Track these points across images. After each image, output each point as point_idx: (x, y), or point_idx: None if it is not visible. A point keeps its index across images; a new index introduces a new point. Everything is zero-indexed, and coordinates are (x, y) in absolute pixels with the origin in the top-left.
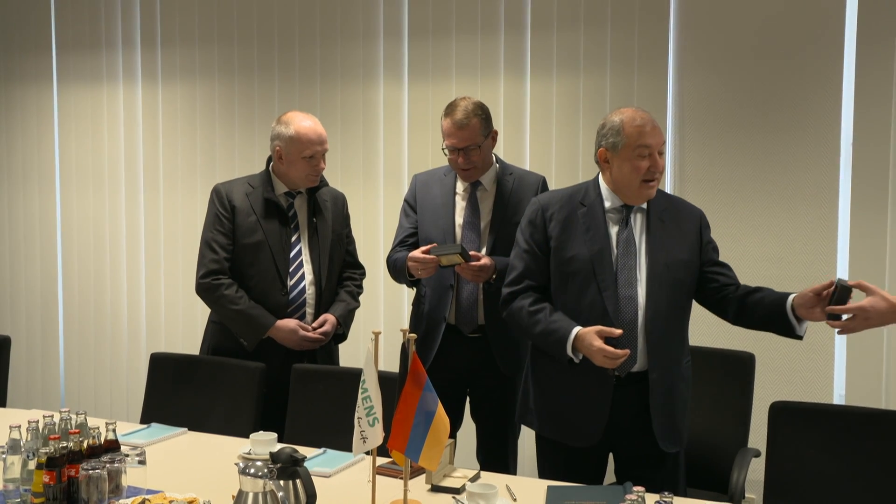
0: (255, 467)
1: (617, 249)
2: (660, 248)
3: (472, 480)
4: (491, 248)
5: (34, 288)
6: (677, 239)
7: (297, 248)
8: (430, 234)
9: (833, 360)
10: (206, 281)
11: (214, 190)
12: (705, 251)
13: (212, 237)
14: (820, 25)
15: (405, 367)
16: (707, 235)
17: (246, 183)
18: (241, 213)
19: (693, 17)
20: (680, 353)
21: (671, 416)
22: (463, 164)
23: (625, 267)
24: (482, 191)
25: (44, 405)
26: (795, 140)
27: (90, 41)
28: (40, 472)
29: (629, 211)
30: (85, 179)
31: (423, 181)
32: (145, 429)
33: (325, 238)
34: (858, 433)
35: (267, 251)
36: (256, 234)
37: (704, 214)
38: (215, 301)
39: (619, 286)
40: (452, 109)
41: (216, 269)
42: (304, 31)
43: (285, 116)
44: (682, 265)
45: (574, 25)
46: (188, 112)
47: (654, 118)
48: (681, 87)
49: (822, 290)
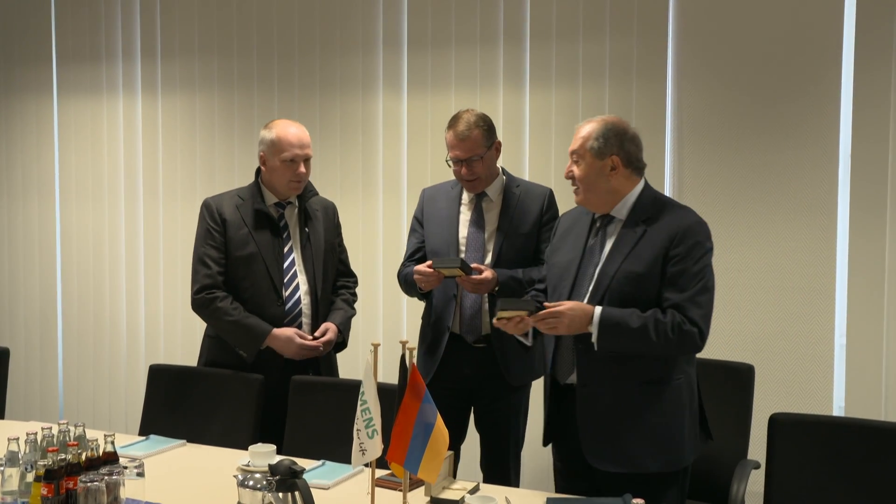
0: (254, 479)
1: (583, 258)
2: (614, 260)
3: (471, 493)
4: (496, 259)
5: (33, 299)
6: (643, 251)
7: (290, 259)
8: (435, 247)
9: (832, 372)
10: (200, 296)
11: (204, 204)
12: (666, 265)
13: (204, 252)
14: (818, 35)
15: (404, 378)
16: (677, 250)
17: (236, 196)
18: (233, 226)
19: (691, 27)
20: (633, 371)
21: (610, 433)
22: (466, 174)
23: (583, 276)
24: (487, 202)
25: (42, 417)
26: (794, 150)
27: (90, 53)
28: (38, 484)
29: (606, 220)
30: (84, 191)
31: (430, 195)
32: (144, 441)
33: (317, 247)
34: (858, 445)
35: (260, 263)
36: (249, 247)
37: (691, 227)
38: (210, 315)
39: (572, 293)
40: (456, 121)
41: (209, 283)
42: (304, 43)
43: (271, 122)
44: (632, 278)
45: (573, 36)
46: (188, 123)
47: (584, 124)
48: (679, 98)
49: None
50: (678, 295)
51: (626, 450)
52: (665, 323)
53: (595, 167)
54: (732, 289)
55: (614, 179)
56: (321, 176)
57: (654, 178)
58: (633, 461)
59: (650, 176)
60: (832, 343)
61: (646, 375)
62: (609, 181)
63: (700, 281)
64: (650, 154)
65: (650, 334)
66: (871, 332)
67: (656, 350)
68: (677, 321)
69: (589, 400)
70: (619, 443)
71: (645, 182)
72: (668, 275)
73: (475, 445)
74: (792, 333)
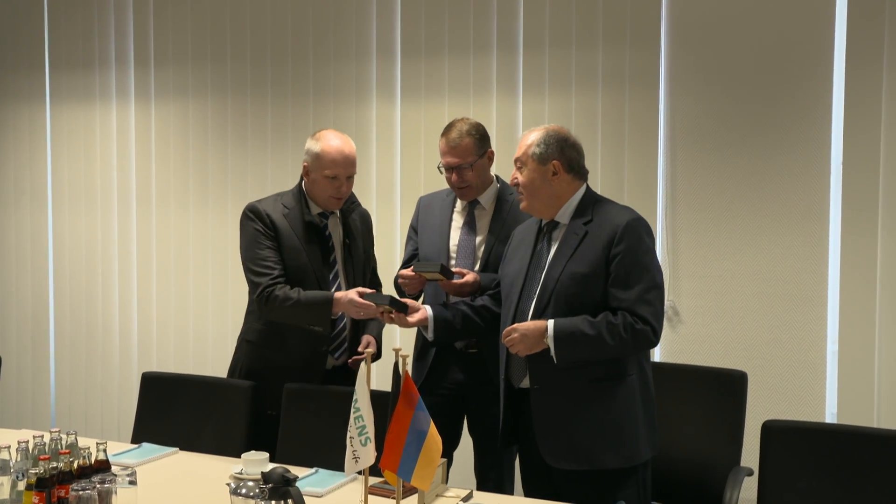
0: (247, 487)
1: (530, 265)
2: (559, 262)
3: (464, 500)
4: (484, 263)
5: (25, 307)
6: (585, 251)
7: (334, 271)
8: (428, 254)
9: (825, 379)
10: (260, 298)
11: (251, 209)
12: (610, 265)
13: (256, 256)
14: (809, 42)
15: (397, 386)
16: (618, 248)
17: (279, 203)
18: (284, 235)
19: (684, 37)
20: (584, 370)
21: (564, 432)
22: (457, 182)
23: (531, 280)
24: (480, 210)
25: (34, 425)
26: (786, 158)
27: (83, 60)
28: (30, 493)
29: (551, 226)
30: (77, 198)
31: (426, 203)
32: (136, 449)
33: (357, 259)
34: (851, 452)
35: (311, 275)
36: (301, 258)
37: (629, 224)
38: (273, 310)
39: (521, 299)
40: (449, 129)
41: (265, 283)
42: (297, 50)
43: (319, 133)
44: (577, 279)
45: (566, 45)
46: (181, 131)
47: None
48: (672, 107)
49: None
50: (625, 293)
51: (582, 446)
52: (617, 325)
53: (538, 172)
54: (725, 296)
55: (556, 184)
56: None
57: (647, 185)
58: (589, 458)
59: (643, 182)
60: (824, 350)
61: (597, 373)
62: (551, 185)
63: (645, 276)
64: (643, 161)
65: (605, 338)
66: (864, 338)
67: (613, 353)
68: (629, 322)
69: (543, 401)
70: (574, 440)
71: (587, 186)
72: (612, 274)
73: (468, 450)
74: (784, 340)
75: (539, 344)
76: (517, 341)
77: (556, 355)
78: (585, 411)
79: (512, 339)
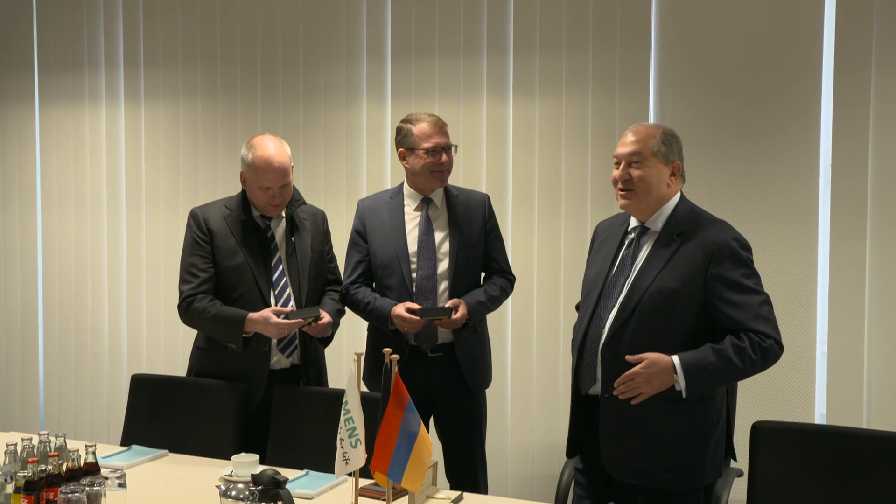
0: (237, 490)
1: (614, 270)
2: (647, 274)
3: (454, 502)
4: (453, 265)
5: (14, 309)
6: (678, 266)
7: (278, 270)
8: (384, 260)
9: (814, 380)
10: (180, 306)
11: (191, 214)
12: (710, 286)
13: (190, 262)
14: (799, 45)
15: (388, 388)
16: (718, 269)
17: (223, 206)
18: (220, 236)
19: (674, 40)
20: None
21: (629, 445)
22: (447, 162)
23: (612, 288)
24: (434, 208)
25: (22, 427)
26: (775, 160)
27: (73, 61)
28: (18, 496)
29: (641, 232)
30: (67, 200)
31: (369, 207)
32: (126, 451)
33: (303, 257)
34: (840, 452)
35: (249, 273)
36: (237, 257)
37: (728, 245)
38: (192, 319)
39: (599, 306)
40: (420, 116)
41: (192, 292)
42: (288, 52)
43: (253, 140)
44: (665, 294)
45: (556, 48)
46: (171, 133)
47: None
48: (662, 109)
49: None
50: (745, 315)
51: (643, 462)
52: (745, 347)
53: (658, 170)
54: None
55: (670, 186)
56: (305, 185)
57: None
58: (648, 474)
59: None
60: (814, 351)
61: (671, 393)
62: (665, 187)
63: (757, 294)
64: None
65: (735, 364)
66: (853, 340)
67: (745, 376)
68: (755, 341)
69: (611, 410)
70: (636, 455)
71: (681, 193)
72: (719, 296)
73: (437, 454)
74: None
75: (667, 383)
76: (642, 385)
77: (687, 390)
78: (654, 428)
79: (636, 385)
